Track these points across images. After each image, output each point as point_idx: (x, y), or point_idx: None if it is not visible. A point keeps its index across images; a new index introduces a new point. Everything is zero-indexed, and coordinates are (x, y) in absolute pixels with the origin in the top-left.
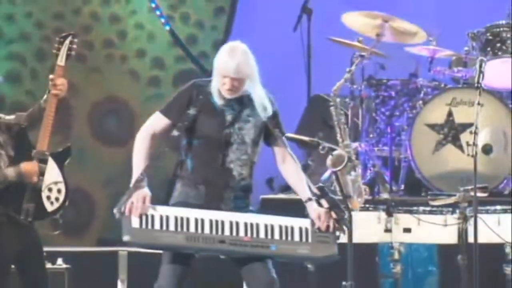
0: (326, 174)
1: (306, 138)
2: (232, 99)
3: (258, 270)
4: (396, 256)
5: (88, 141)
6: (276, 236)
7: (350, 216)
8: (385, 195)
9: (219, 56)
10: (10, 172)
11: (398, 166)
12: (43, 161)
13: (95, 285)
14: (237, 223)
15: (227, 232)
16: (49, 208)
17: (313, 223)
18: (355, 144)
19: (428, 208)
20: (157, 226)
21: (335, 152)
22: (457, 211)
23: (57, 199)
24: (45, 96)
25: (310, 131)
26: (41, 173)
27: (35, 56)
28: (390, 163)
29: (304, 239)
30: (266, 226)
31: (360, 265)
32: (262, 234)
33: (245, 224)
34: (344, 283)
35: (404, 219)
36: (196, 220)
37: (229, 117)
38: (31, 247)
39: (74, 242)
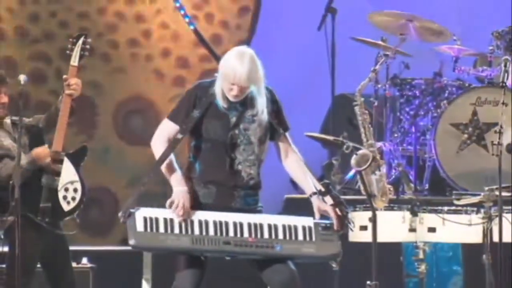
0: (350, 173)
1: (330, 138)
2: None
3: (278, 265)
4: (421, 255)
5: (112, 141)
6: (280, 236)
7: (375, 215)
8: (409, 195)
9: (228, 63)
10: (23, 159)
11: (423, 166)
12: (59, 161)
13: (119, 285)
14: (240, 224)
15: (231, 233)
16: (66, 207)
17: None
18: (379, 144)
19: (452, 208)
20: (161, 229)
21: (359, 152)
22: (482, 210)
23: (73, 198)
24: (60, 97)
25: (334, 130)
26: (57, 173)
27: (60, 55)
28: (415, 163)
29: (308, 238)
30: (269, 226)
31: (385, 264)
32: (266, 234)
33: (249, 225)
34: (368, 282)
35: (429, 218)
36: (200, 222)
37: (233, 119)
38: (55, 246)
39: (99, 241)
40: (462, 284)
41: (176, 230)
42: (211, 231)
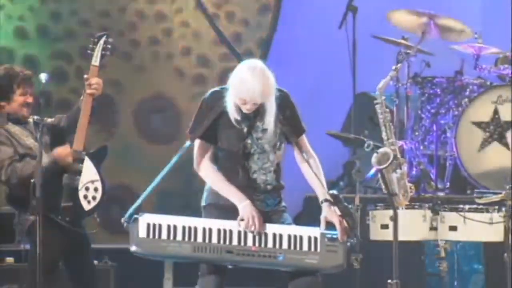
0: (371, 172)
1: (351, 136)
2: None
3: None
4: (442, 254)
5: (133, 139)
6: (285, 246)
7: (396, 214)
8: (430, 193)
9: (240, 80)
10: (45, 159)
11: (444, 164)
12: (80, 160)
13: (141, 283)
14: (245, 232)
15: (235, 241)
16: (87, 207)
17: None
18: (400, 142)
19: (474, 206)
20: (164, 235)
21: (380, 150)
22: (503, 209)
23: (94, 197)
24: (81, 97)
25: (355, 129)
26: (78, 172)
27: (81, 54)
28: (436, 161)
29: (312, 248)
30: (274, 235)
31: (406, 263)
32: (270, 244)
33: (253, 233)
34: (389, 281)
35: (450, 217)
36: (204, 230)
37: (245, 129)
38: (76, 245)
39: (120, 239)
40: (484, 282)
41: (179, 237)
42: (214, 239)
